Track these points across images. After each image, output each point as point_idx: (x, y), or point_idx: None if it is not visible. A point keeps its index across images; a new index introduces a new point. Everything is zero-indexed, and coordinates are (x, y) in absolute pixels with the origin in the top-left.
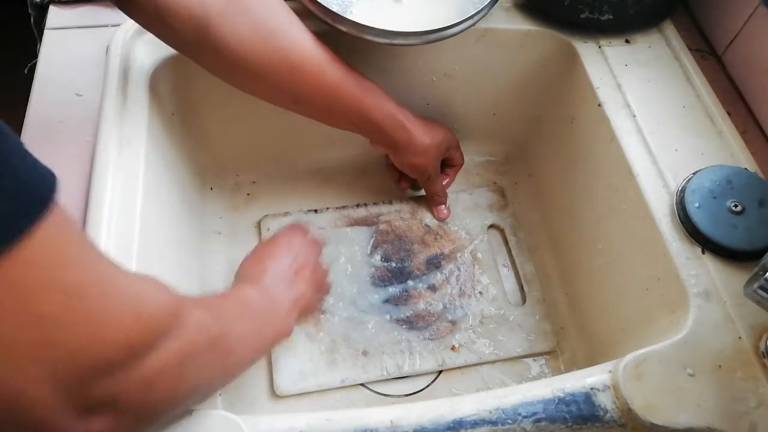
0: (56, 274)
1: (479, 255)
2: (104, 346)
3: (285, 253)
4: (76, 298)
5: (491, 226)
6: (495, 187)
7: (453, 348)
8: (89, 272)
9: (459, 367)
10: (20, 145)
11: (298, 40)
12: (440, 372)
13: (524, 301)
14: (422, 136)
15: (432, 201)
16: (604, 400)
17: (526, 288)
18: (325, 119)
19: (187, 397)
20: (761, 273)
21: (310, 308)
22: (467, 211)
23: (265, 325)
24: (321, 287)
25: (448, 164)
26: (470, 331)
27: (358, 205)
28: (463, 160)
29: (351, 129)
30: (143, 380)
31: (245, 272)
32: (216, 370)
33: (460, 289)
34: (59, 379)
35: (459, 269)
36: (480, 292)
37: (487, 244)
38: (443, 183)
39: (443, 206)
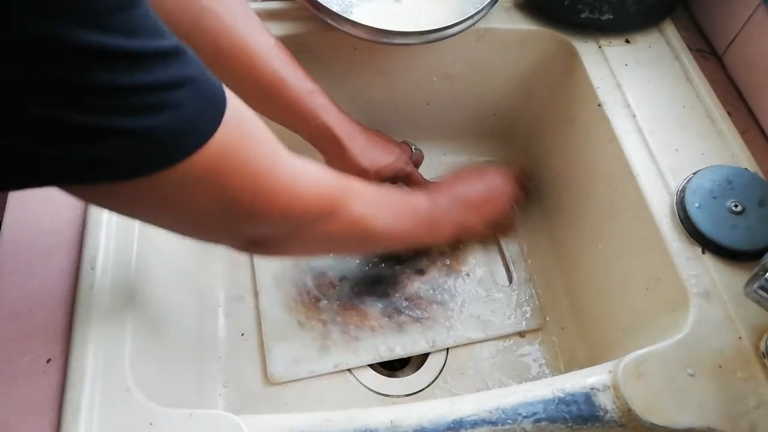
0: (239, 161)
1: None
2: (267, 214)
3: (481, 182)
4: (254, 180)
5: None
6: None
7: (442, 329)
8: (266, 161)
9: (450, 348)
10: (199, 60)
11: (233, 27)
12: (439, 373)
13: (511, 281)
14: (360, 157)
15: None
16: (604, 400)
17: (512, 268)
18: (259, 112)
19: (320, 254)
20: (761, 273)
21: (477, 236)
22: None
23: (420, 230)
24: (497, 226)
25: (406, 182)
26: (459, 311)
27: None
28: (422, 179)
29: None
30: (292, 241)
31: (441, 183)
32: (357, 248)
33: (447, 271)
34: (236, 224)
35: (446, 252)
36: (467, 274)
37: None
38: None
39: None
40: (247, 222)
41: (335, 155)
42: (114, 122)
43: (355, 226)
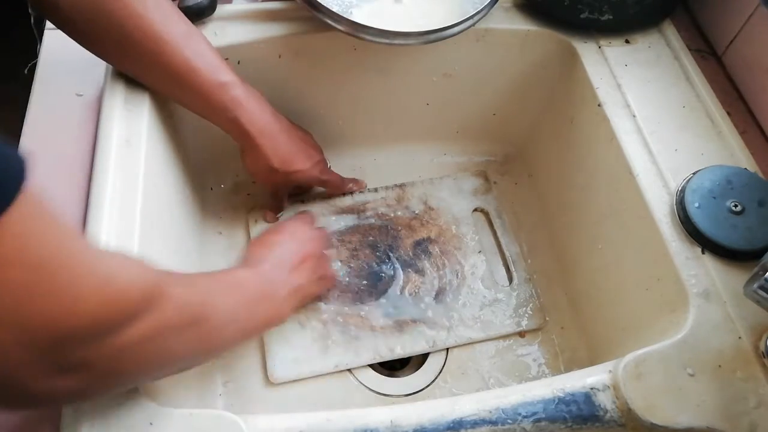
0: (26, 251)
1: (465, 238)
2: (72, 319)
3: (289, 240)
4: (45, 273)
5: (476, 210)
6: (478, 171)
7: (443, 329)
8: (58, 250)
9: (450, 348)
10: None
11: (141, 15)
12: (439, 373)
13: (511, 281)
14: (271, 156)
15: (269, 204)
16: (604, 400)
17: (512, 268)
18: (173, 100)
19: (162, 368)
20: (761, 273)
21: (309, 297)
22: (452, 196)
23: (257, 308)
24: (324, 278)
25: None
26: (459, 311)
27: (344, 194)
28: (340, 182)
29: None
30: (114, 352)
31: (249, 255)
32: (195, 347)
33: (448, 271)
34: (30, 342)
35: (446, 252)
36: (467, 274)
37: (473, 228)
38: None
39: (272, 213)
40: (50, 334)
41: (247, 150)
42: None
43: (187, 312)
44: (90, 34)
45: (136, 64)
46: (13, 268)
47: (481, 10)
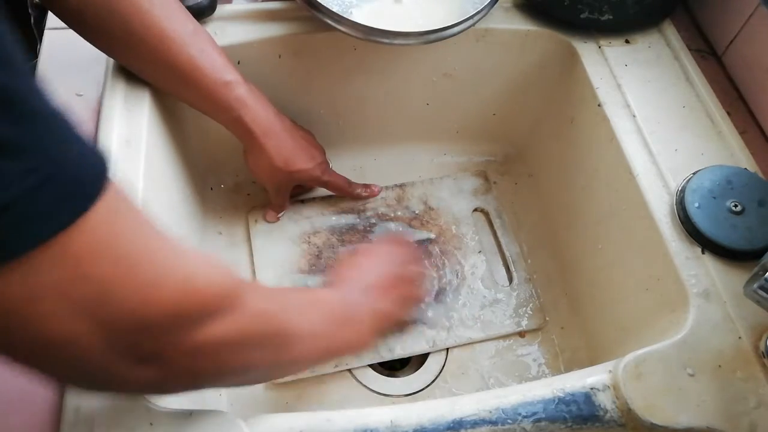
0: (110, 247)
1: (465, 238)
2: (151, 311)
3: (378, 265)
4: (128, 267)
5: (476, 210)
6: (478, 171)
7: (443, 329)
8: (142, 245)
9: (450, 348)
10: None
11: (147, 11)
12: (439, 373)
13: (511, 280)
14: (274, 155)
15: (270, 204)
16: (604, 400)
17: (512, 268)
18: (177, 98)
19: (237, 374)
20: (761, 273)
21: (392, 326)
22: (452, 196)
23: (339, 330)
24: (410, 301)
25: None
26: (459, 311)
27: (354, 200)
28: (345, 184)
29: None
30: (189, 349)
31: (335, 276)
32: (269, 360)
33: (448, 271)
34: (108, 332)
35: (446, 252)
36: (467, 274)
37: (473, 228)
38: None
39: (274, 212)
40: (128, 326)
41: (250, 149)
42: None
43: (263, 321)
44: (96, 30)
45: (141, 61)
46: (98, 262)
47: (481, 10)
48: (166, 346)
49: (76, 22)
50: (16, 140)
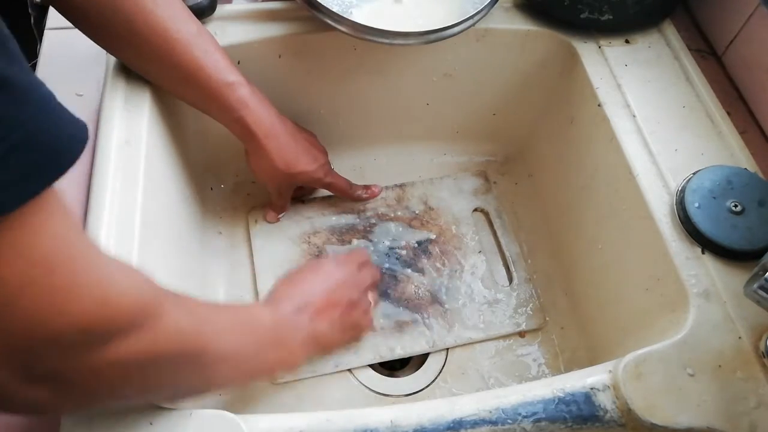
0: (34, 247)
1: (465, 238)
2: (60, 323)
3: (321, 283)
4: (42, 270)
5: (476, 210)
6: (478, 171)
7: (443, 329)
8: (65, 249)
9: (450, 348)
10: (44, 112)
11: (151, 11)
12: (439, 373)
13: (511, 281)
14: (276, 157)
15: (271, 205)
16: (604, 400)
17: (512, 268)
18: (179, 98)
19: (144, 394)
20: (761, 273)
21: (331, 346)
22: (452, 196)
23: (266, 351)
24: (351, 329)
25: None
26: (459, 311)
27: (355, 201)
28: (347, 186)
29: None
30: (93, 368)
31: (274, 290)
32: (187, 379)
33: (448, 271)
34: (7, 343)
35: (446, 252)
36: (467, 274)
37: (473, 227)
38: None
39: (274, 213)
40: (29, 335)
41: (252, 150)
42: None
43: (180, 342)
44: (100, 28)
45: (144, 61)
46: (16, 262)
47: (481, 10)
48: (67, 364)
49: (79, 19)
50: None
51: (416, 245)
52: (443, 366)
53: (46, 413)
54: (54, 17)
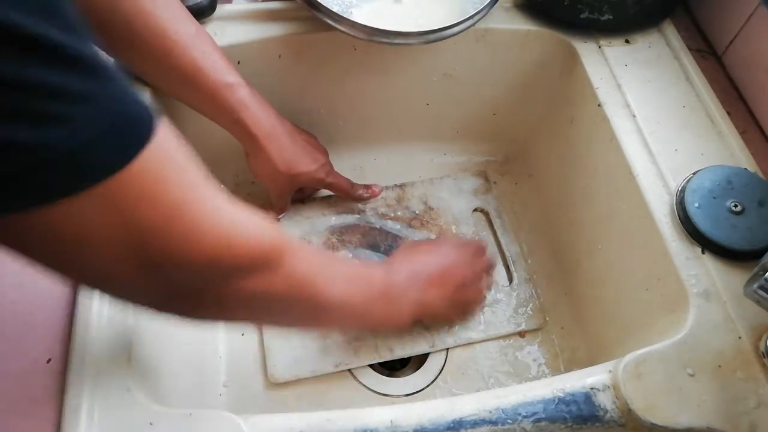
0: (153, 195)
1: (465, 238)
2: (191, 257)
3: (438, 258)
4: (173, 213)
5: (476, 210)
6: (478, 171)
7: (443, 329)
8: (188, 193)
9: (450, 348)
10: (126, 83)
11: (150, 12)
12: (439, 373)
13: (511, 280)
14: (276, 159)
15: (271, 206)
16: (604, 400)
17: (512, 268)
18: (179, 100)
19: (263, 322)
20: (761, 273)
21: (435, 317)
22: (452, 196)
23: (374, 305)
24: (460, 305)
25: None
26: None
27: (355, 201)
28: (348, 185)
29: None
30: (221, 294)
31: (394, 256)
32: (301, 317)
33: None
34: (149, 273)
35: None
36: None
37: (473, 228)
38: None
39: (274, 213)
40: (167, 268)
41: (252, 152)
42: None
43: (296, 286)
44: (99, 31)
45: (143, 62)
46: (144, 206)
47: (481, 10)
48: (200, 287)
49: None
50: (84, 91)
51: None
52: (443, 366)
53: (189, 320)
54: None
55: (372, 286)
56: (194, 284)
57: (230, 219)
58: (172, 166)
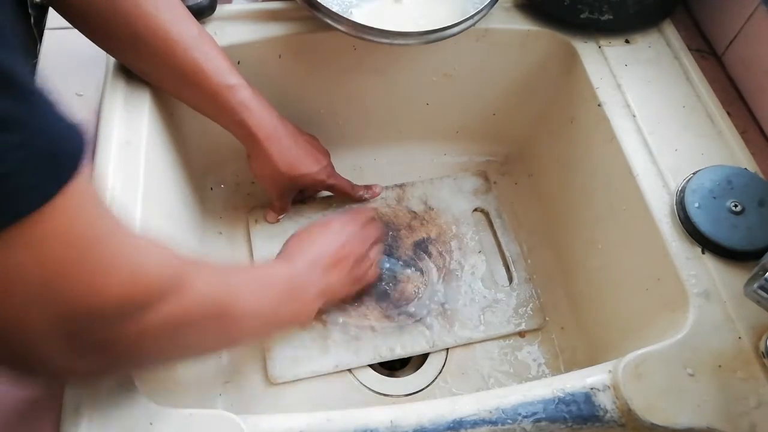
0: (72, 230)
1: (465, 238)
2: (101, 298)
3: (331, 238)
4: (84, 252)
5: (476, 210)
6: (478, 171)
7: (443, 329)
8: (101, 231)
9: (450, 348)
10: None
11: (152, 14)
12: (439, 373)
13: (511, 280)
14: (278, 160)
15: (272, 206)
16: (604, 400)
17: (512, 268)
18: (181, 100)
19: (178, 355)
20: (761, 273)
21: (339, 299)
22: (452, 196)
23: (283, 306)
24: (358, 281)
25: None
26: (459, 311)
27: (356, 201)
28: (349, 187)
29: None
30: (135, 334)
31: (287, 248)
32: (213, 338)
33: (448, 271)
34: (57, 318)
35: (446, 252)
36: (467, 274)
37: (473, 227)
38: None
39: (275, 213)
40: (80, 316)
41: (254, 153)
42: None
43: (203, 304)
44: (101, 31)
45: (146, 63)
46: (57, 245)
47: (481, 10)
48: (109, 333)
49: (79, 21)
50: (15, 116)
51: (416, 245)
52: (443, 366)
53: (97, 377)
54: (54, 17)
55: (277, 288)
56: (103, 327)
57: (138, 251)
58: (87, 204)
